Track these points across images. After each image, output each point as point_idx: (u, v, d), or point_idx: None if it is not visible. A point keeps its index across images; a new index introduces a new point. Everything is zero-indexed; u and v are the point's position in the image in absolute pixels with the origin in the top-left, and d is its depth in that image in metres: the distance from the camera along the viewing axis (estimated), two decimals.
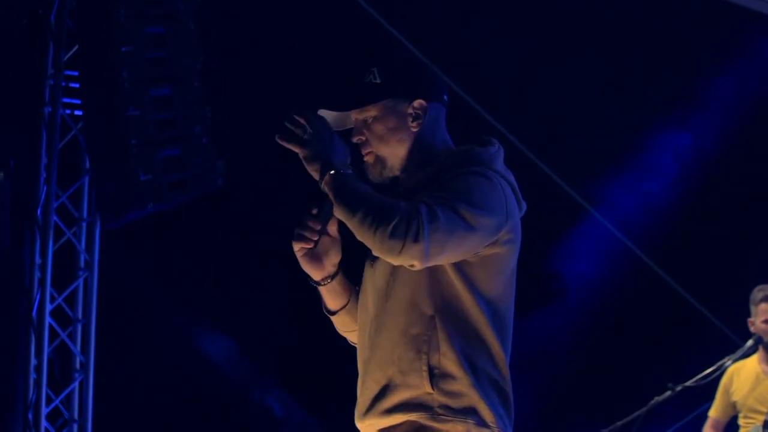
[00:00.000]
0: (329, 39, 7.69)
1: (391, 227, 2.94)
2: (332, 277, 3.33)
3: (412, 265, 3.01)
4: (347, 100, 3.23)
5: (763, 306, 6.62)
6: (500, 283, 3.15)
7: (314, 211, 3.21)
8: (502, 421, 3.12)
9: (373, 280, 3.25)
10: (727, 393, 6.82)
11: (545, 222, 6.89)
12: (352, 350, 3.39)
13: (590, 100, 7.97)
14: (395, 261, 3.02)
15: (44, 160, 6.92)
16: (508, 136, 7.23)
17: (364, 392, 3.21)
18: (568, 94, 7.91)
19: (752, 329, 6.71)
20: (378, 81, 3.20)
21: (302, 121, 3.11)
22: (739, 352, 6.63)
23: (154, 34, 6.75)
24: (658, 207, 8.33)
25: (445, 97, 3.29)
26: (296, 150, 3.11)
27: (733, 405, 6.80)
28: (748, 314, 6.76)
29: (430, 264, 3.01)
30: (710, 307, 8.14)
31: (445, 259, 3.04)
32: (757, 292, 6.68)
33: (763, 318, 6.63)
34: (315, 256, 3.29)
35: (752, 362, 6.75)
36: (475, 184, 3.07)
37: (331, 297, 3.39)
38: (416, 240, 2.93)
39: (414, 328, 3.11)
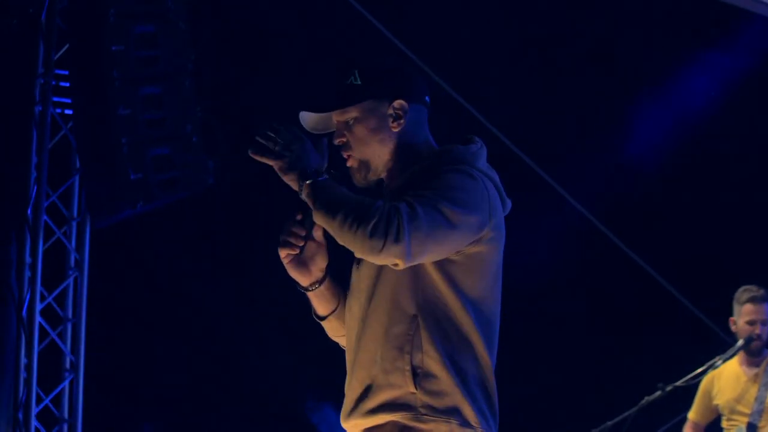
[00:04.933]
0: (318, 40, 7.69)
1: (370, 227, 2.93)
2: (320, 282, 3.33)
3: (395, 265, 3.00)
4: (327, 102, 3.24)
5: (747, 306, 6.56)
6: (484, 283, 3.15)
7: (299, 217, 3.21)
8: (486, 422, 3.11)
9: (358, 282, 3.25)
10: (708, 396, 6.73)
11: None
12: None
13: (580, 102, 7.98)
14: (378, 261, 3.02)
15: (34, 159, 6.90)
16: (497, 133, 7.23)
17: (350, 393, 3.21)
18: (557, 95, 7.92)
19: (733, 329, 6.66)
20: (358, 82, 3.21)
21: (272, 133, 3.10)
22: (730, 352, 6.59)
23: (144, 34, 6.74)
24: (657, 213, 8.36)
25: (427, 98, 3.29)
26: (270, 163, 3.11)
27: (715, 408, 6.71)
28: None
29: (414, 263, 3.01)
30: (700, 306, 8.15)
31: (428, 257, 3.04)
32: (743, 293, 6.62)
33: (746, 319, 6.57)
34: (301, 262, 3.29)
35: (733, 364, 6.65)
36: (457, 182, 3.07)
37: (320, 302, 3.39)
38: (397, 239, 2.93)
39: (396, 327, 3.11)
